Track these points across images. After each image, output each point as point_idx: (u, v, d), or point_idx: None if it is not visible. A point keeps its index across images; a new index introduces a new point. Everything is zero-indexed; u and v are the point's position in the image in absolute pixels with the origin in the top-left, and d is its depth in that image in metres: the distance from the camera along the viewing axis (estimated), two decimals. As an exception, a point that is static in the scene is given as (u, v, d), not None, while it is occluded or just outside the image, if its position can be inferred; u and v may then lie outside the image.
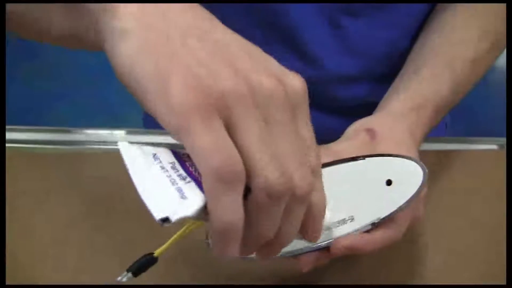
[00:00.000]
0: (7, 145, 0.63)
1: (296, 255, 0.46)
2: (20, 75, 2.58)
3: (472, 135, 0.72)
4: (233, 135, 0.32)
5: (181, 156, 0.36)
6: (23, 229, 0.58)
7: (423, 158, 0.50)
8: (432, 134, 0.66)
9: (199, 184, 0.33)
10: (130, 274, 0.39)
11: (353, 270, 0.54)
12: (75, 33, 0.40)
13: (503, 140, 0.69)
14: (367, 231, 0.46)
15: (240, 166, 0.31)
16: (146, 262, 0.40)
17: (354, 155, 0.48)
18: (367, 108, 0.69)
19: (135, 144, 0.36)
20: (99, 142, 0.70)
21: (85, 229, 0.59)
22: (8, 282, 0.51)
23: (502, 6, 0.65)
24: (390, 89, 0.62)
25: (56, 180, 0.64)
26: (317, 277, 0.53)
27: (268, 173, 0.32)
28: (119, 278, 0.39)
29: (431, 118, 0.57)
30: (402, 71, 0.64)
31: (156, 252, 0.40)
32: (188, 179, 0.34)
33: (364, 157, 0.47)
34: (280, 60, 0.66)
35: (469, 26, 0.65)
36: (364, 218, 0.46)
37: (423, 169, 0.47)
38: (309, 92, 0.67)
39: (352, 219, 0.46)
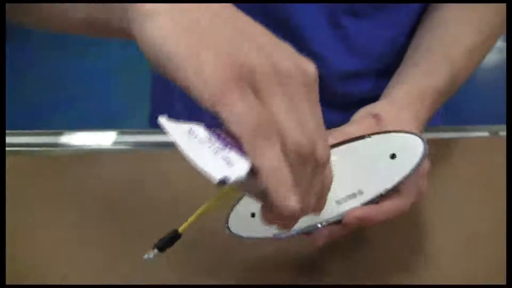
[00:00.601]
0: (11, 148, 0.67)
1: (310, 231, 0.49)
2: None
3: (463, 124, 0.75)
4: (262, 105, 0.35)
5: (214, 131, 0.38)
6: (27, 230, 0.59)
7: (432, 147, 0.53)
8: (429, 123, 0.70)
9: (239, 152, 0.35)
10: (156, 251, 0.42)
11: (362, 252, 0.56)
12: (104, 18, 0.43)
13: (494, 128, 0.73)
14: (376, 203, 0.49)
15: (275, 124, 0.35)
16: (171, 238, 0.43)
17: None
18: (369, 102, 0.73)
19: (172, 120, 0.38)
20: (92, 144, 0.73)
21: (88, 229, 0.60)
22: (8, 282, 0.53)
23: (495, 9, 0.69)
24: (392, 80, 0.65)
25: (54, 181, 0.66)
26: (329, 259, 0.55)
27: (298, 135, 0.36)
28: (146, 256, 0.42)
29: (431, 106, 0.60)
30: (402, 65, 0.67)
31: (180, 229, 0.43)
32: (227, 149, 0.36)
33: (370, 135, 0.51)
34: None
35: (465, 18, 0.68)
36: (372, 191, 0.49)
37: (423, 141, 0.50)
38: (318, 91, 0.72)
39: (361, 192, 0.49)
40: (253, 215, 0.50)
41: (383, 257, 0.56)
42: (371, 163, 0.50)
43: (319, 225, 0.48)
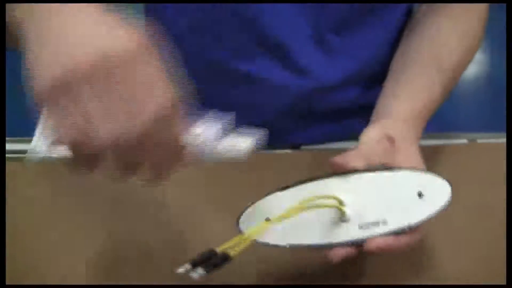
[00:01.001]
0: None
1: (328, 247, 0.51)
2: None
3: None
4: None
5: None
6: (28, 231, 0.62)
7: None
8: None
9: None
10: (203, 272, 0.44)
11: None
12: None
13: (472, 136, 0.77)
14: (395, 235, 0.51)
15: None
16: (221, 261, 0.45)
17: (380, 160, 0.54)
18: (356, 111, 0.76)
19: None
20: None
21: (90, 231, 0.62)
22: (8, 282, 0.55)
23: (480, 9, 0.73)
24: (387, 91, 0.68)
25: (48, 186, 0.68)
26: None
27: None
28: (194, 275, 0.45)
29: (425, 121, 0.64)
30: (393, 77, 0.70)
31: (232, 254, 0.45)
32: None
33: (398, 168, 0.53)
34: (272, 71, 0.74)
35: (451, 30, 0.71)
36: (396, 223, 0.51)
37: (449, 184, 0.53)
38: (301, 101, 0.75)
39: (385, 222, 0.51)
40: (267, 219, 0.51)
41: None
42: (398, 196, 0.52)
43: (341, 244, 0.50)
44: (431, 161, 0.69)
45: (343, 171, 0.52)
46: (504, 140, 0.74)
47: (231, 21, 0.72)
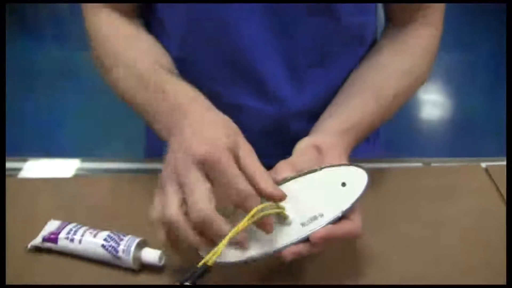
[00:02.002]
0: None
1: (281, 251, 0.57)
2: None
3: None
4: None
5: None
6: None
7: (376, 175, 0.64)
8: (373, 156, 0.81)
9: None
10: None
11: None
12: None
13: (426, 160, 0.85)
14: (334, 224, 0.58)
15: None
16: (202, 273, 0.54)
17: (309, 167, 0.61)
18: None
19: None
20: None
21: None
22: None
23: (425, 50, 0.81)
24: (326, 113, 0.75)
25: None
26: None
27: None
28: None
29: (356, 138, 0.71)
30: (335, 99, 0.77)
31: (210, 262, 0.53)
32: None
33: (321, 168, 0.61)
34: (248, 98, 0.81)
35: (392, 68, 0.79)
36: (331, 213, 0.58)
37: (366, 171, 0.61)
38: (275, 126, 0.83)
39: (321, 215, 0.58)
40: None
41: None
42: (327, 191, 0.60)
43: (289, 244, 0.57)
44: (392, 181, 0.79)
45: (276, 182, 0.60)
46: (454, 164, 0.84)
47: (213, 53, 0.79)
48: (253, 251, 0.58)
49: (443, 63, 3.34)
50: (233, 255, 0.57)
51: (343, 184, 0.60)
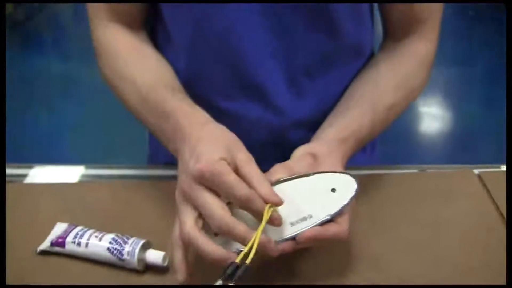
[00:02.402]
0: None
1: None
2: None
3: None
4: None
5: None
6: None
7: (373, 181, 0.70)
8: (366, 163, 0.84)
9: None
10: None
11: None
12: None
13: (422, 167, 0.88)
14: (322, 225, 0.61)
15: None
16: (244, 271, 0.55)
17: (303, 172, 0.64)
18: None
19: None
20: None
21: None
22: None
23: (421, 63, 0.84)
24: (325, 122, 0.78)
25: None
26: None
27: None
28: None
29: (353, 147, 0.74)
30: (334, 110, 0.80)
31: (248, 261, 0.55)
32: None
33: (314, 173, 0.64)
34: (250, 108, 0.84)
35: (389, 80, 0.82)
36: (320, 215, 0.61)
37: (356, 180, 0.64)
38: (276, 135, 0.86)
39: (311, 216, 0.61)
40: (216, 234, 0.61)
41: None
42: (317, 194, 0.63)
43: (278, 241, 0.60)
44: (389, 186, 0.82)
45: (270, 182, 0.62)
46: (449, 170, 0.87)
47: (218, 66, 0.82)
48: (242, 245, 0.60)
49: (442, 77, 3.38)
50: (227, 247, 0.60)
51: (333, 190, 0.63)
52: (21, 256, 0.69)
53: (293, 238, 0.61)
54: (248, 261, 0.55)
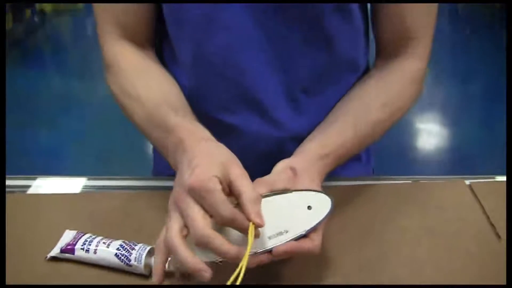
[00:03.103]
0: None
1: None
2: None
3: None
4: None
5: None
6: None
7: (368, 190, 0.72)
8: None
9: None
10: None
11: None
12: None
13: (415, 177, 0.91)
14: (297, 240, 0.64)
15: None
16: None
17: (283, 187, 0.67)
18: None
19: None
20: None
21: None
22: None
23: (409, 82, 0.86)
24: (309, 136, 0.80)
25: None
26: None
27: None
28: None
29: (332, 163, 0.76)
30: (319, 125, 0.83)
31: (238, 282, 0.57)
32: None
33: (292, 190, 0.68)
34: (250, 123, 0.87)
35: (376, 97, 0.84)
36: (295, 231, 0.65)
37: (331, 199, 0.67)
38: (276, 148, 0.90)
39: (287, 231, 0.65)
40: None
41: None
42: (294, 211, 0.67)
43: (255, 252, 0.62)
44: (383, 195, 0.85)
45: None
46: (441, 181, 0.90)
47: (218, 82, 0.86)
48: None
49: (441, 95, 3.44)
50: (203, 256, 0.62)
51: (309, 207, 0.67)
52: (32, 263, 0.72)
53: (270, 251, 0.63)
54: (238, 283, 0.58)
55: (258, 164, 0.76)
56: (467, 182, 0.89)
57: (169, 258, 0.64)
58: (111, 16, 0.86)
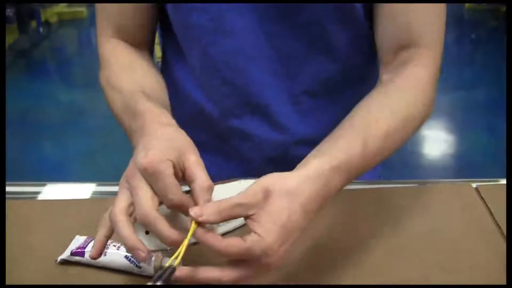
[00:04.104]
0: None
1: (194, 243, 0.60)
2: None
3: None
4: None
5: None
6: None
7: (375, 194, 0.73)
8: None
9: None
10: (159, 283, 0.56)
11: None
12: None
13: (422, 181, 0.92)
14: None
15: None
16: (170, 273, 0.57)
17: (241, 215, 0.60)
18: None
19: None
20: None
21: None
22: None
23: (419, 91, 0.78)
24: (312, 152, 0.68)
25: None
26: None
27: None
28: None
29: (340, 182, 0.65)
30: (323, 141, 0.71)
31: (176, 263, 0.57)
32: None
33: (239, 179, 0.70)
34: (256, 127, 0.88)
35: (383, 107, 0.75)
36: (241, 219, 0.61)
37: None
38: (281, 151, 0.90)
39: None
40: (147, 232, 0.64)
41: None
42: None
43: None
44: (391, 199, 0.86)
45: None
46: (444, 184, 0.91)
47: (224, 87, 0.87)
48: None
49: (447, 101, 3.44)
50: (152, 244, 0.63)
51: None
52: (42, 267, 0.72)
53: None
54: (176, 263, 0.58)
55: (264, 168, 0.76)
56: (474, 185, 0.89)
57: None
58: (107, 16, 0.88)
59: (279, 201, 0.60)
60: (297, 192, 0.61)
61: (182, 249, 0.58)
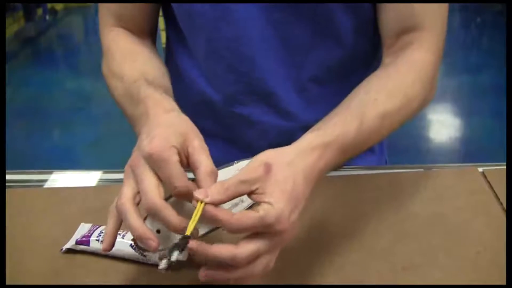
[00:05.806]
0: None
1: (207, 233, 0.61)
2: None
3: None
4: None
5: None
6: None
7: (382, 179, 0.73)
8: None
9: None
10: (176, 253, 0.56)
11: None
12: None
13: (428, 166, 0.92)
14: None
15: None
16: (185, 242, 0.56)
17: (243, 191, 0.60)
18: None
19: None
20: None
21: None
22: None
23: (418, 74, 0.79)
24: (310, 129, 0.70)
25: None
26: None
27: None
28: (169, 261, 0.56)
29: (334, 156, 0.66)
30: (322, 118, 0.73)
31: (188, 232, 0.56)
32: None
33: (237, 161, 0.65)
34: (261, 114, 0.88)
35: (381, 88, 0.75)
36: (249, 199, 0.60)
37: None
38: (286, 138, 0.90)
39: (242, 201, 0.61)
40: (158, 231, 0.62)
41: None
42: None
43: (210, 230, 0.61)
44: (397, 184, 0.86)
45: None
46: (454, 169, 0.90)
47: (229, 74, 0.87)
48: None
49: (453, 86, 3.42)
50: (161, 245, 0.61)
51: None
52: (47, 255, 0.73)
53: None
54: (188, 232, 0.57)
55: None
56: (480, 169, 0.88)
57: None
58: (107, 5, 0.89)
59: (281, 172, 0.61)
60: (296, 162, 0.63)
61: (192, 225, 0.57)
